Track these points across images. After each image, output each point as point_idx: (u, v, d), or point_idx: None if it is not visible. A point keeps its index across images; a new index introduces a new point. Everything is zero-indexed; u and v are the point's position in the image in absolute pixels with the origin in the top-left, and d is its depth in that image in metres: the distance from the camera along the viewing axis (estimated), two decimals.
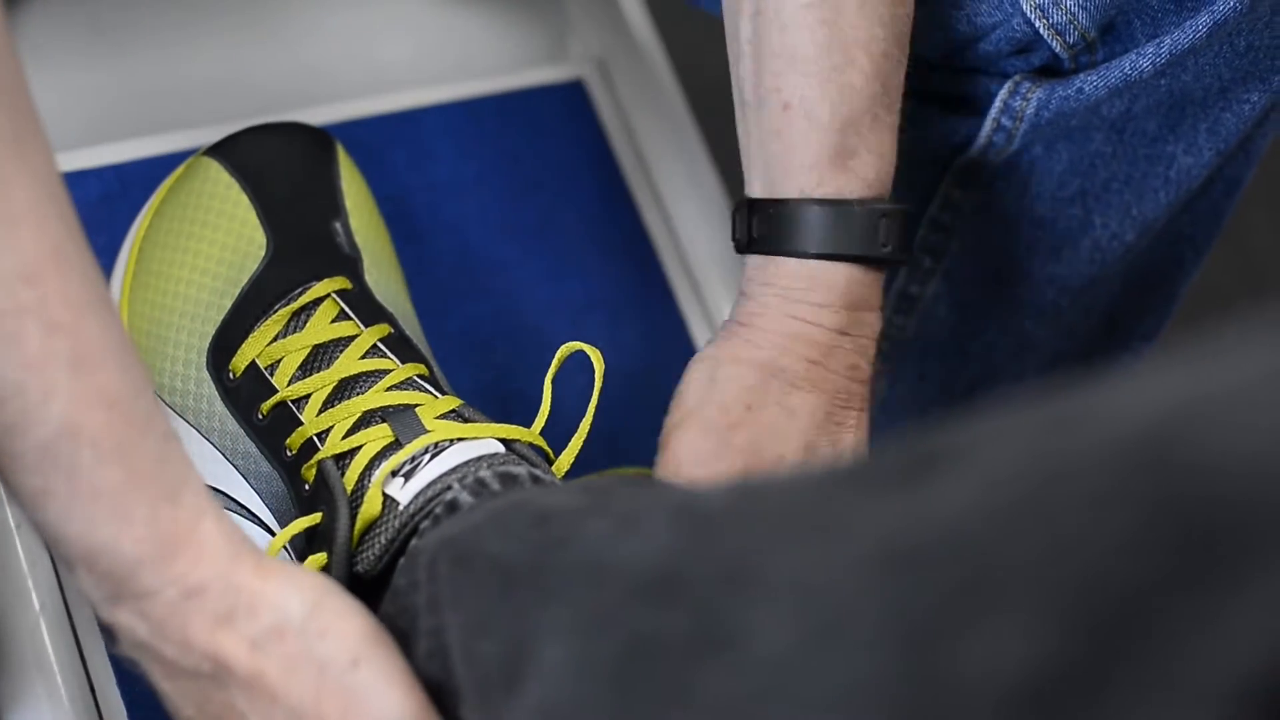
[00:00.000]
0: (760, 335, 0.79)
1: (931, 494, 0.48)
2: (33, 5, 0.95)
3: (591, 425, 0.79)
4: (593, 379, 0.79)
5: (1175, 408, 0.44)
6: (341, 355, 0.78)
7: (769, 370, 0.78)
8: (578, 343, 0.79)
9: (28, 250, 0.60)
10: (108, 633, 0.67)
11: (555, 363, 0.79)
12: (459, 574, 0.66)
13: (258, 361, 0.79)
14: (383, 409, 0.76)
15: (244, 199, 0.83)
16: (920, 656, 0.45)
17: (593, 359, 0.79)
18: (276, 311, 0.80)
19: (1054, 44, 0.85)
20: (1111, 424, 0.45)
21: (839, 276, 0.79)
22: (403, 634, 0.70)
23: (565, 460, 0.78)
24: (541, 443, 0.78)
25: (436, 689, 0.68)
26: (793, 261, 0.79)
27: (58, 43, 0.95)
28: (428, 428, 0.75)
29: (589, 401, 0.78)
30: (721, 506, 0.57)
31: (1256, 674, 0.41)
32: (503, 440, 0.76)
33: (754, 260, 0.80)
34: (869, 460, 0.55)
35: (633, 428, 0.94)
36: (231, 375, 0.79)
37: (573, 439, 0.78)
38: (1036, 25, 0.85)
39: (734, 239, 0.81)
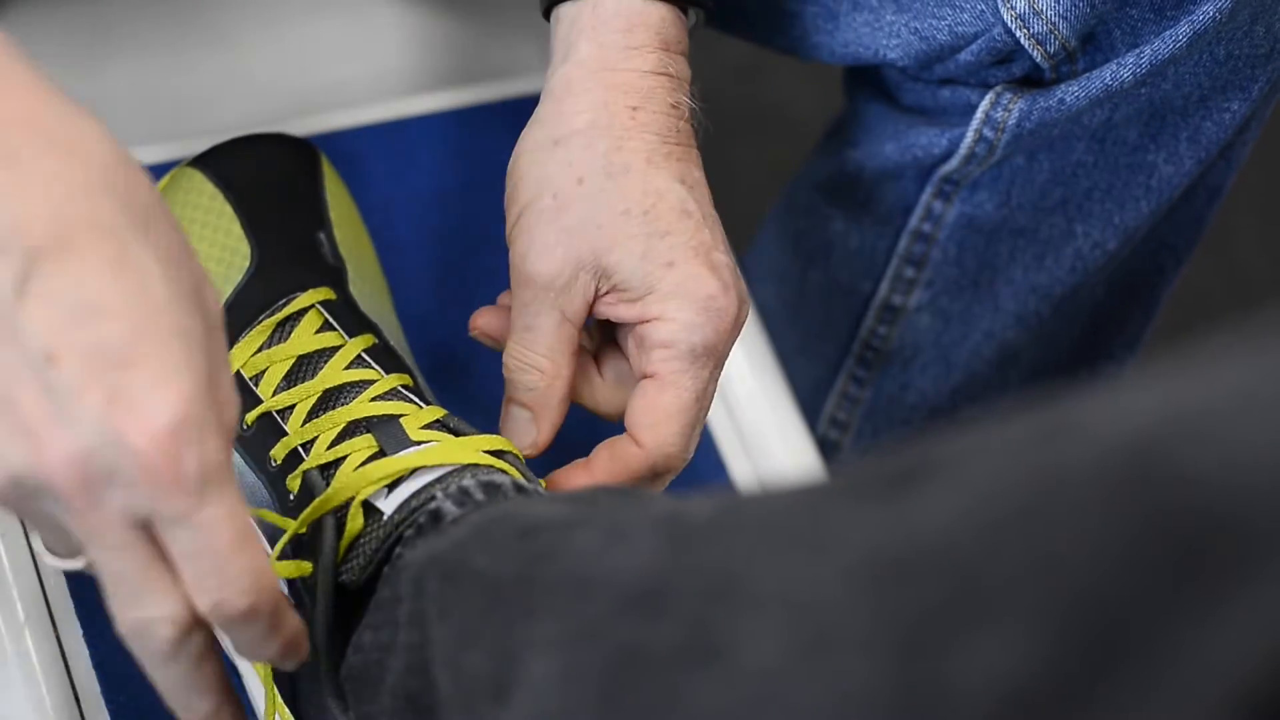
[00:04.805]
0: (578, 101, 0.78)
1: (919, 506, 0.48)
2: (11, 14, 0.95)
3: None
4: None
5: (1162, 420, 0.44)
6: (326, 366, 0.78)
7: (592, 134, 0.77)
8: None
9: None
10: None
11: None
12: (447, 589, 0.66)
13: (242, 372, 0.79)
14: (367, 419, 0.76)
15: (228, 209, 0.83)
16: (910, 667, 0.45)
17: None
18: (261, 322, 0.80)
19: (1035, 54, 0.86)
20: (1099, 437, 0.45)
21: (654, 15, 0.78)
22: (384, 646, 0.70)
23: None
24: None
25: (413, 703, 0.68)
26: (610, 1, 0.78)
27: (38, 52, 0.95)
28: (412, 438, 0.75)
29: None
30: (708, 518, 0.57)
31: (1246, 683, 0.41)
32: (486, 450, 0.76)
33: (566, 11, 0.79)
34: (856, 471, 0.54)
35: (618, 434, 0.94)
36: None
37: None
38: (1017, 35, 0.85)
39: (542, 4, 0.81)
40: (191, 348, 0.56)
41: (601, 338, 0.82)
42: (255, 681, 0.80)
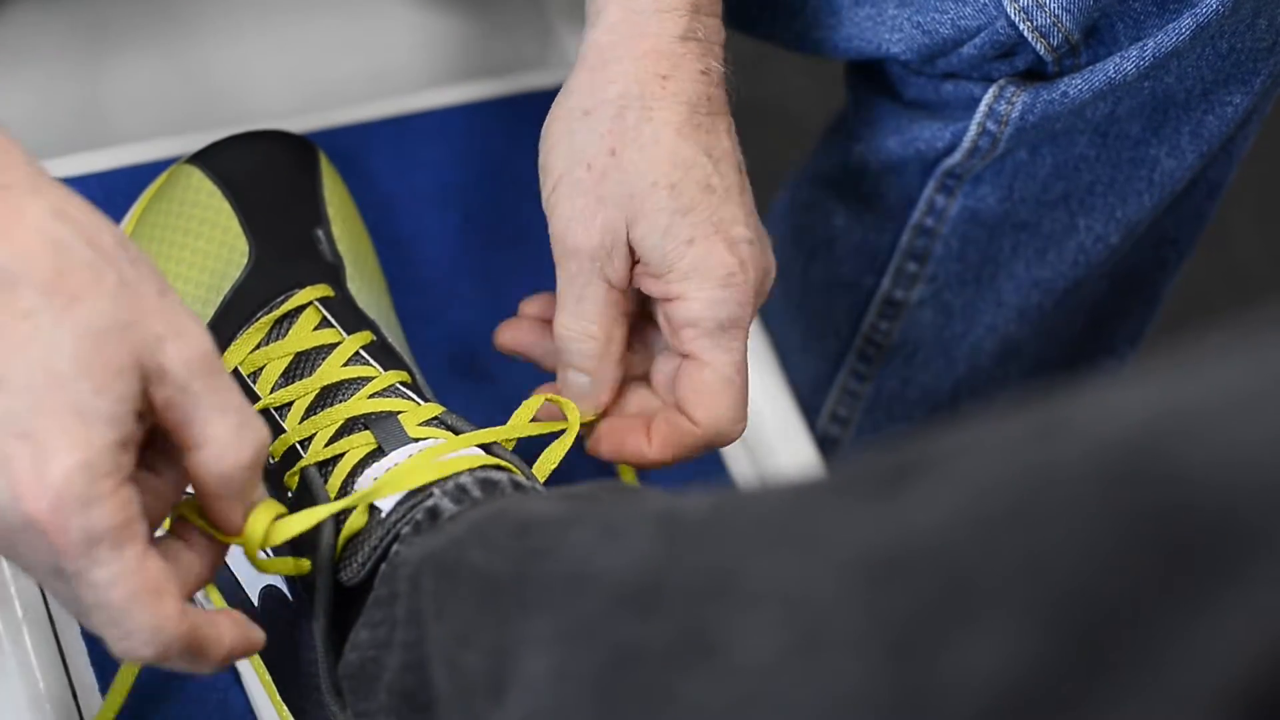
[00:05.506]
0: (609, 70, 0.78)
1: (913, 503, 0.48)
2: (12, 12, 0.95)
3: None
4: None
5: (1155, 419, 0.44)
6: (324, 363, 0.78)
7: (623, 105, 0.78)
8: (551, 395, 0.80)
9: None
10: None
11: (527, 410, 0.79)
12: (443, 586, 0.66)
13: (240, 369, 0.79)
14: (365, 416, 0.76)
15: (226, 206, 0.83)
16: (904, 665, 0.45)
17: (566, 413, 0.79)
18: (259, 319, 0.80)
19: (1038, 46, 0.85)
20: (1092, 435, 0.45)
21: None
22: (381, 644, 0.70)
23: (543, 468, 0.78)
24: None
25: (410, 700, 0.68)
26: None
27: (38, 49, 0.95)
28: (410, 435, 0.75)
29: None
30: (703, 516, 0.57)
31: (1236, 682, 0.41)
32: (484, 447, 0.76)
33: None
34: (850, 469, 0.55)
35: None
36: None
37: (548, 451, 0.79)
38: (1020, 28, 0.85)
39: None
40: (89, 423, 0.60)
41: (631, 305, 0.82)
42: (254, 681, 0.80)
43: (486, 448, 0.76)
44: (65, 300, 0.60)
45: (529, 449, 0.79)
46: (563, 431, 0.79)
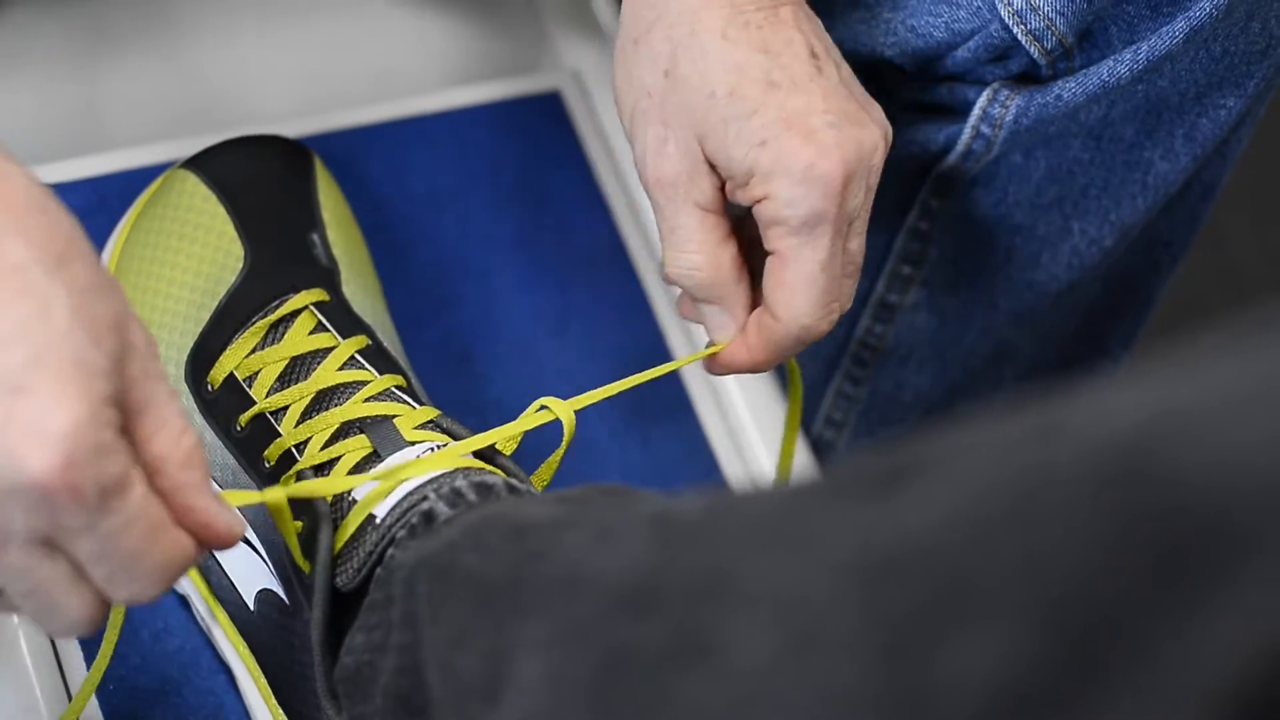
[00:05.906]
0: None
1: (908, 504, 0.48)
2: (8, 15, 0.95)
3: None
4: (576, 390, 0.79)
5: (1150, 420, 0.44)
6: (319, 367, 0.78)
7: (666, 25, 0.77)
8: (550, 399, 0.78)
9: None
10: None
11: (527, 419, 0.78)
12: (438, 589, 0.66)
13: (236, 373, 0.79)
14: (361, 420, 0.77)
15: (221, 211, 0.83)
16: (898, 666, 0.45)
17: (563, 421, 0.78)
18: (254, 323, 0.80)
19: (1032, 50, 0.86)
20: (1086, 437, 0.45)
21: None
22: (377, 647, 0.70)
23: (541, 476, 0.78)
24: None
25: (406, 703, 0.68)
26: None
27: (32, 55, 0.95)
28: (406, 439, 0.75)
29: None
30: (698, 517, 0.57)
31: (1229, 685, 0.41)
32: (480, 452, 0.76)
33: None
34: (845, 470, 0.55)
35: (609, 436, 0.94)
36: (210, 387, 0.79)
37: (550, 459, 0.78)
38: (1014, 31, 0.85)
39: None
40: (90, 375, 0.58)
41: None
42: (250, 685, 0.80)
43: (484, 454, 0.76)
44: (55, 258, 0.59)
45: (533, 458, 0.79)
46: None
